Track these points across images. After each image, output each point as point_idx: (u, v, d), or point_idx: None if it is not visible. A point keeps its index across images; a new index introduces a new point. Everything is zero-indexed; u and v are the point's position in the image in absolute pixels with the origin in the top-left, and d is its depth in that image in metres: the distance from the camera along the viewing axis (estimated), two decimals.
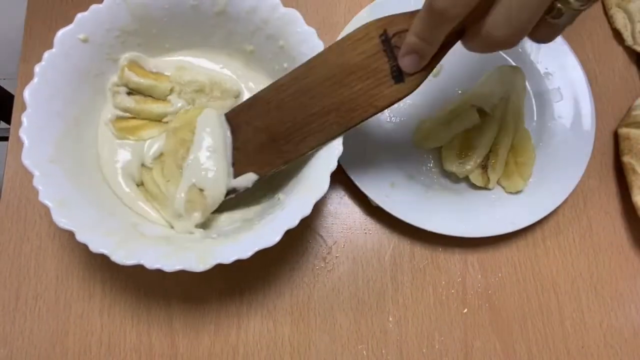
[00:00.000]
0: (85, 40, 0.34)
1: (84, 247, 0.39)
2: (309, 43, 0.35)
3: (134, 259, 0.29)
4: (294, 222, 0.31)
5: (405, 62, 0.28)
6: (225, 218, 0.37)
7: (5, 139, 0.42)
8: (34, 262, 0.39)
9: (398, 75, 0.29)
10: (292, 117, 0.33)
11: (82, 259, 0.39)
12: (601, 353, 0.41)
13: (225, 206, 0.36)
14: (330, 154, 0.33)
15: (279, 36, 0.36)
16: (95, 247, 0.29)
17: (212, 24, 0.37)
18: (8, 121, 0.70)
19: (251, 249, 0.30)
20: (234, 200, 0.37)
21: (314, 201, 0.31)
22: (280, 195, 0.36)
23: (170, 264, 0.30)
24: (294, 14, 0.35)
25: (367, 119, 0.31)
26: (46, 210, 0.40)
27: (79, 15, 0.34)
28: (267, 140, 0.34)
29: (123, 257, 0.29)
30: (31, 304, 0.38)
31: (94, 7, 0.34)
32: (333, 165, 0.32)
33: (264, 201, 0.38)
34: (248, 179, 0.35)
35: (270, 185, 0.38)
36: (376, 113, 0.31)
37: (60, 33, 0.33)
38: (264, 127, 0.34)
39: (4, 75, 0.84)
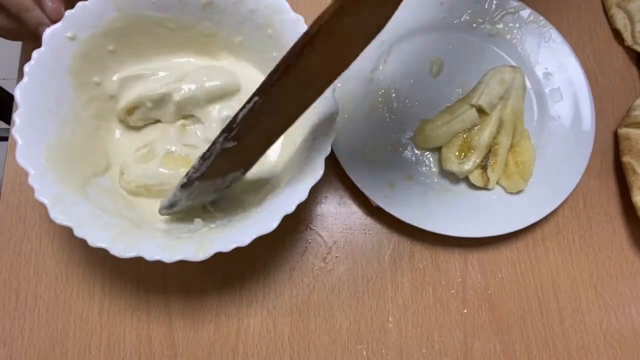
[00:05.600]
0: (73, 38, 0.34)
1: (84, 247, 0.40)
2: (297, 30, 0.35)
3: (134, 252, 0.30)
4: (290, 208, 0.31)
5: None
6: (221, 210, 0.37)
7: (5, 139, 0.42)
8: (33, 262, 0.39)
9: None
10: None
11: (82, 259, 0.39)
12: (601, 353, 0.41)
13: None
14: (324, 140, 0.33)
15: (267, 25, 0.36)
16: (94, 241, 0.29)
17: (199, 16, 0.37)
18: (8, 121, 0.70)
19: (249, 236, 0.30)
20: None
21: (309, 186, 0.31)
22: (275, 183, 0.36)
23: (169, 255, 0.30)
24: (281, 2, 0.35)
25: None
26: (46, 210, 0.40)
27: (67, 13, 0.34)
28: None
29: (122, 250, 0.29)
30: (31, 303, 0.38)
31: (80, 4, 0.34)
32: (327, 151, 0.33)
33: (260, 191, 0.38)
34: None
35: (266, 174, 0.38)
36: None
37: (48, 31, 0.33)
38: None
39: (4, 75, 0.84)
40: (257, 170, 0.37)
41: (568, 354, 0.40)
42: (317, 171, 0.32)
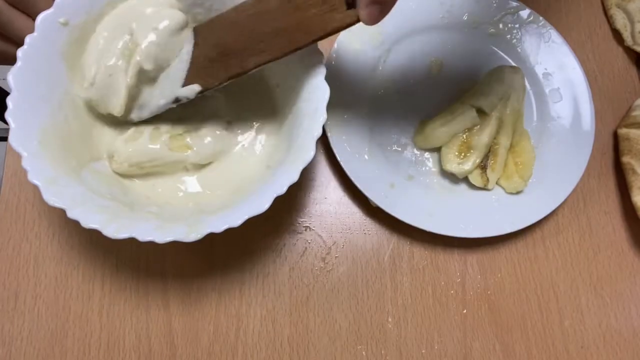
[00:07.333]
0: (65, 24, 0.34)
1: (84, 247, 0.40)
2: None
3: (126, 233, 0.30)
4: (282, 189, 0.31)
5: (365, 14, 0.29)
6: (215, 195, 0.37)
7: (5, 139, 0.42)
8: (33, 262, 0.39)
9: (352, 2, 0.30)
10: (245, 36, 0.34)
11: (81, 259, 0.39)
12: (601, 353, 0.41)
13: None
14: (315, 121, 0.33)
15: None
16: (86, 222, 0.29)
17: (190, 2, 0.37)
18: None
19: (241, 217, 0.30)
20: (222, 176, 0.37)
21: (300, 168, 0.31)
22: (268, 164, 0.36)
23: (161, 236, 0.30)
24: None
25: (315, 42, 0.32)
26: (45, 210, 0.40)
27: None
28: (217, 55, 0.35)
29: (114, 231, 0.30)
30: (30, 304, 0.38)
31: None
32: (318, 132, 0.32)
33: (252, 172, 0.38)
34: (192, 90, 0.36)
35: (259, 155, 0.38)
36: (324, 37, 0.31)
37: (40, 17, 0.33)
38: (217, 43, 0.35)
39: (4, 75, 0.84)
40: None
41: (568, 354, 0.40)
42: (308, 153, 0.32)
